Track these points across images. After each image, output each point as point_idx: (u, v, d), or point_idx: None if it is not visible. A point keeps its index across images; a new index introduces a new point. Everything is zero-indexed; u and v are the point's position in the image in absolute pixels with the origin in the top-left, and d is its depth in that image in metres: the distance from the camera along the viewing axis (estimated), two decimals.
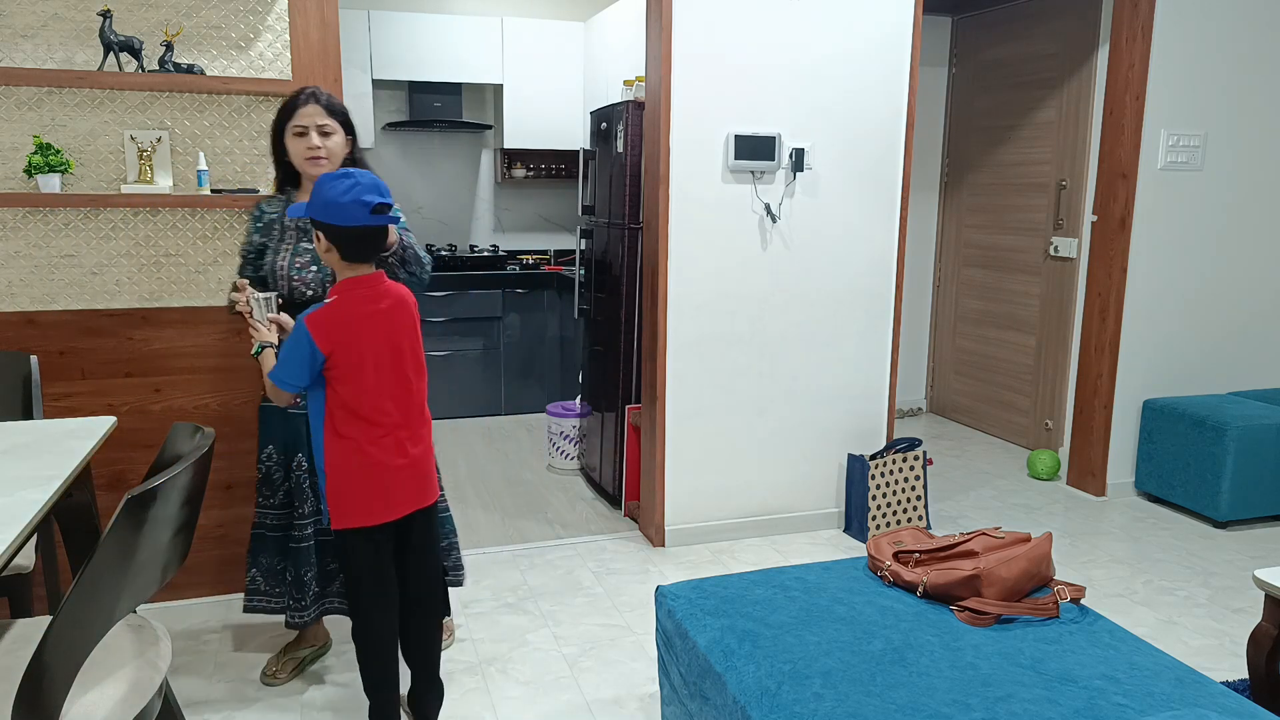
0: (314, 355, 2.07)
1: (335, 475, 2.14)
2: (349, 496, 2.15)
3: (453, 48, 5.41)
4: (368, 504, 2.16)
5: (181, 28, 2.84)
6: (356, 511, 2.16)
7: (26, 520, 1.58)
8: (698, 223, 3.47)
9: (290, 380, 2.10)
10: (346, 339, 2.08)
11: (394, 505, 2.19)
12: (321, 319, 2.08)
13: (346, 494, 2.14)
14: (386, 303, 2.16)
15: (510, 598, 3.18)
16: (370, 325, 2.12)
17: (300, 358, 2.07)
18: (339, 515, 2.16)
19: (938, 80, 5.55)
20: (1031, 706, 1.68)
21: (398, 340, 2.17)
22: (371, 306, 2.13)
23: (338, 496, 2.15)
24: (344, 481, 2.14)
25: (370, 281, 2.14)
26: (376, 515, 2.17)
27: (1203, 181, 4.17)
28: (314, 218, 2.08)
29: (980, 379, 5.39)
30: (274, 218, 2.49)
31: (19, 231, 2.82)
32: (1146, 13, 3.93)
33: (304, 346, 2.07)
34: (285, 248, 2.45)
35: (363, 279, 2.13)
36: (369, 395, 2.12)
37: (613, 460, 4.06)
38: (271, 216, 2.49)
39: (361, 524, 2.17)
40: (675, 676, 2.10)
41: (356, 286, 2.13)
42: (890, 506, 3.70)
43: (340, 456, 2.13)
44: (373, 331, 2.12)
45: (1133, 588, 3.34)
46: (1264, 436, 3.82)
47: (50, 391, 2.88)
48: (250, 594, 2.60)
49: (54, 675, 1.36)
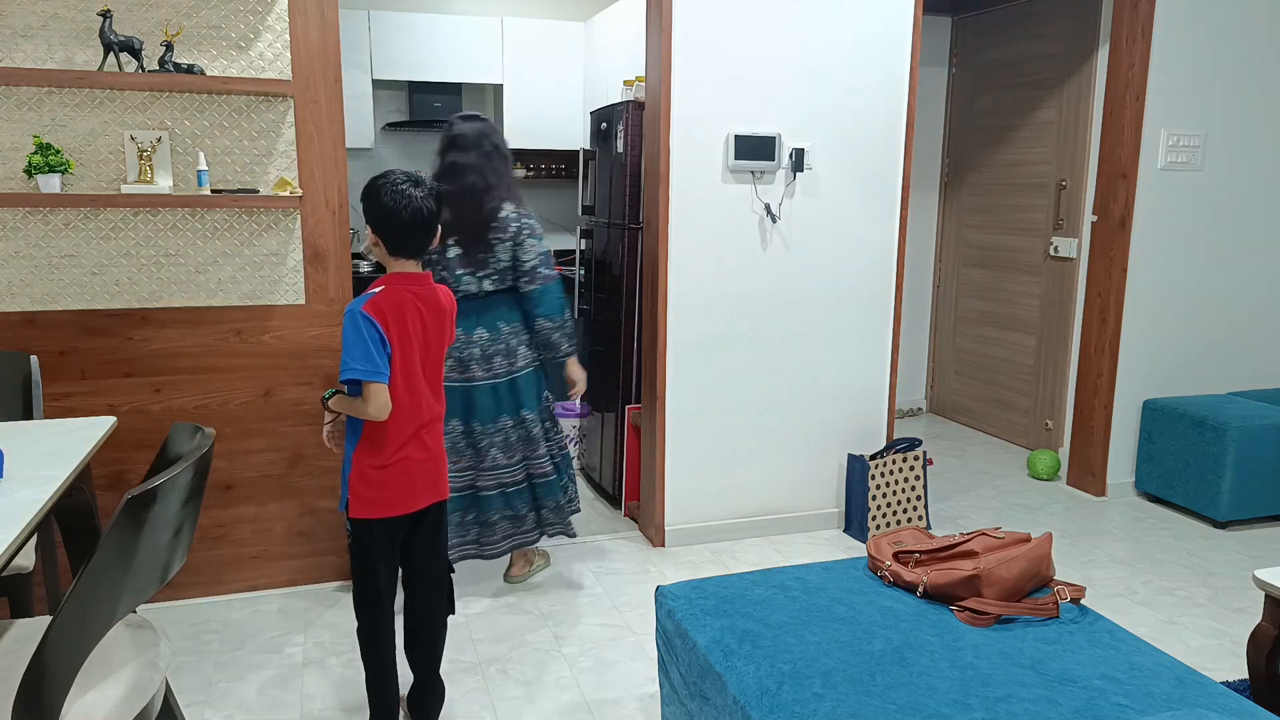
0: (382, 337, 2.08)
1: (362, 464, 2.16)
2: (375, 486, 2.16)
3: (453, 48, 5.41)
4: (391, 494, 2.18)
5: (181, 28, 2.84)
6: (379, 502, 2.18)
7: (26, 520, 1.58)
8: (698, 223, 3.47)
9: (375, 368, 2.05)
10: (394, 326, 2.11)
11: (416, 497, 2.21)
12: (374, 304, 2.09)
13: (373, 484, 2.16)
14: (430, 300, 2.19)
15: (510, 598, 3.18)
16: (414, 317, 2.15)
17: (373, 340, 2.06)
18: (361, 505, 2.18)
19: (938, 80, 5.55)
20: (1031, 706, 1.68)
21: (433, 337, 2.20)
22: (416, 300, 2.16)
23: (363, 486, 2.17)
24: (371, 471, 2.16)
25: (416, 278, 2.18)
26: (398, 506, 2.19)
27: (1203, 181, 4.17)
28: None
29: (980, 379, 5.39)
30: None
31: (19, 231, 2.82)
32: (1146, 13, 3.93)
33: (373, 331, 2.06)
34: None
35: (409, 275, 2.17)
36: (401, 388, 2.14)
37: (613, 460, 4.06)
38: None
39: (382, 514, 2.18)
40: (675, 676, 2.10)
41: (402, 280, 2.16)
42: (890, 506, 3.70)
43: (369, 446, 2.15)
44: (415, 323, 2.15)
45: (1133, 588, 3.34)
46: (1264, 436, 3.82)
47: (50, 391, 2.88)
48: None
49: (54, 675, 1.36)
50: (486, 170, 2.91)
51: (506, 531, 3.11)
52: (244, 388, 3.05)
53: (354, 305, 2.09)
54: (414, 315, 2.15)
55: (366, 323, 2.06)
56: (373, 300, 2.09)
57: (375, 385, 2.06)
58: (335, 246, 3.08)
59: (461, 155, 2.91)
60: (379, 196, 2.11)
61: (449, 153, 2.94)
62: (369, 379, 2.05)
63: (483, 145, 2.92)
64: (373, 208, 2.12)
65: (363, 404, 2.07)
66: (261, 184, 2.99)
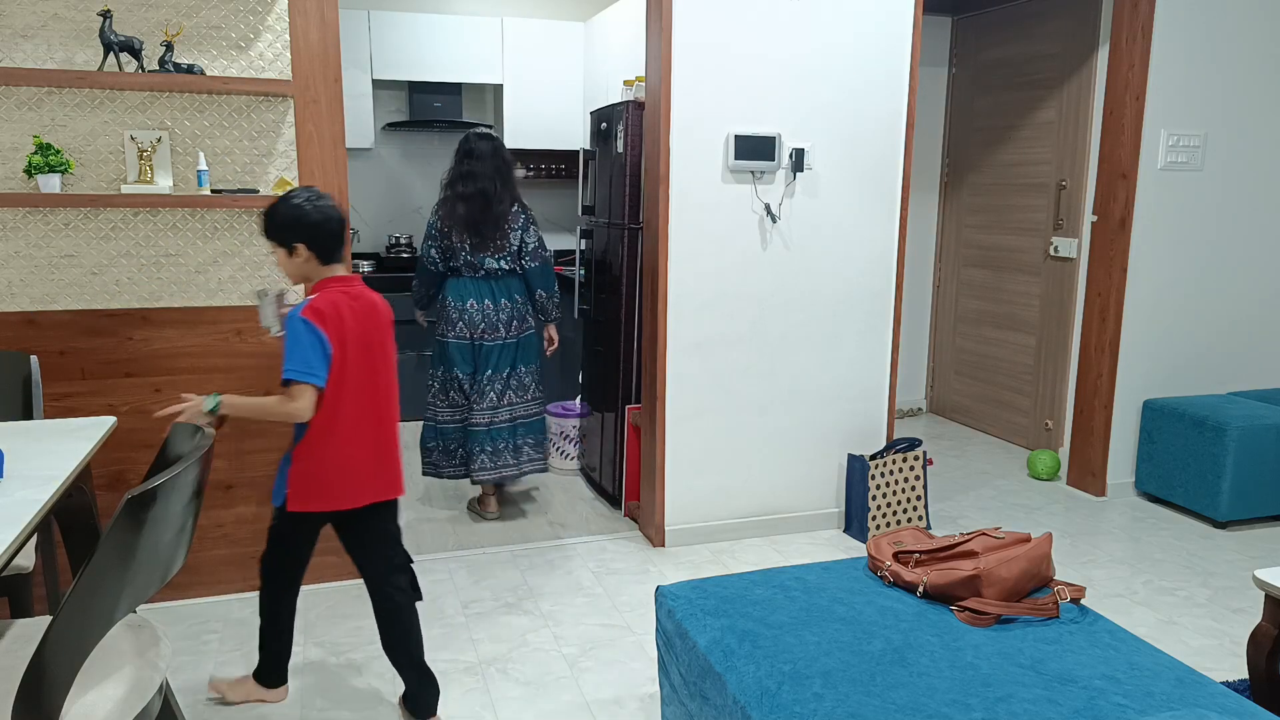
0: (324, 343, 2.17)
1: (305, 461, 2.24)
2: (316, 481, 2.25)
3: (453, 48, 5.41)
4: (331, 491, 2.26)
5: (181, 28, 2.84)
6: (319, 496, 2.26)
7: (26, 520, 1.58)
8: (698, 223, 3.47)
9: (314, 371, 2.15)
10: (331, 326, 2.19)
11: (354, 495, 2.28)
12: (312, 308, 2.18)
13: (315, 479, 2.25)
14: (364, 299, 2.28)
15: (510, 598, 3.18)
16: (352, 318, 2.23)
17: (310, 343, 2.15)
18: (300, 499, 2.26)
19: (938, 80, 5.55)
20: (1031, 707, 1.69)
21: (374, 335, 2.28)
22: (352, 301, 2.25)
23: (304, 481, 2.25)
24: (314, 467, 2.24)
25: (347, 280, 2.28)
26: (336, 502, 2.27)
27: (1203, 181, 4.18)
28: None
29: (980, 379, 5.39)
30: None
31: (19, 231, 2.82)
32: (1146, 13, 3.93)
33: (313, 335, 2.16)
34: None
35: (341, 277, 2.27)
36: (347, 386, 2.23)
37: (613, 460, 4.06)
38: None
39: (320, 509, 2.27)
40: (675, 676, 2.10)
41: (336, 283, 2.25)
42: (890, 506, 3.70)
43: (313, 442, 2.23)
44: (354, 324, 2.23)
45: (1133, 588, 3.35)
46: (1264, 436, 3.82)
47: (50, 391, 2.88)
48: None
49: (54, 675, 1.37)
50: (497, 178, 3.63)
51: (494, 463, 3.79)
52: (244, 388, 3.05)
53: (294, 311, 2.18)
54: (350, 313, 2.23)
55: (304, 326, 2.15)
56: (311, 305, 2.18)
57: (301, 386, 2.15)
58: None
59: (478, 165, 3.63)
60: (305, 211, 2.21)
61: (465, 162, 3.64)
62: (302, 379, 2.15)
63: (495, 159, 3.65)
64: (302, 224, 2.21)
65: (285, 402, 2.16)
66: (261, 184, 2.99)
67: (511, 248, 3.68)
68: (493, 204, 3.60)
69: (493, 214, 3.61)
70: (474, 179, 3.60)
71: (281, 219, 2.22)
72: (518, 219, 3.69)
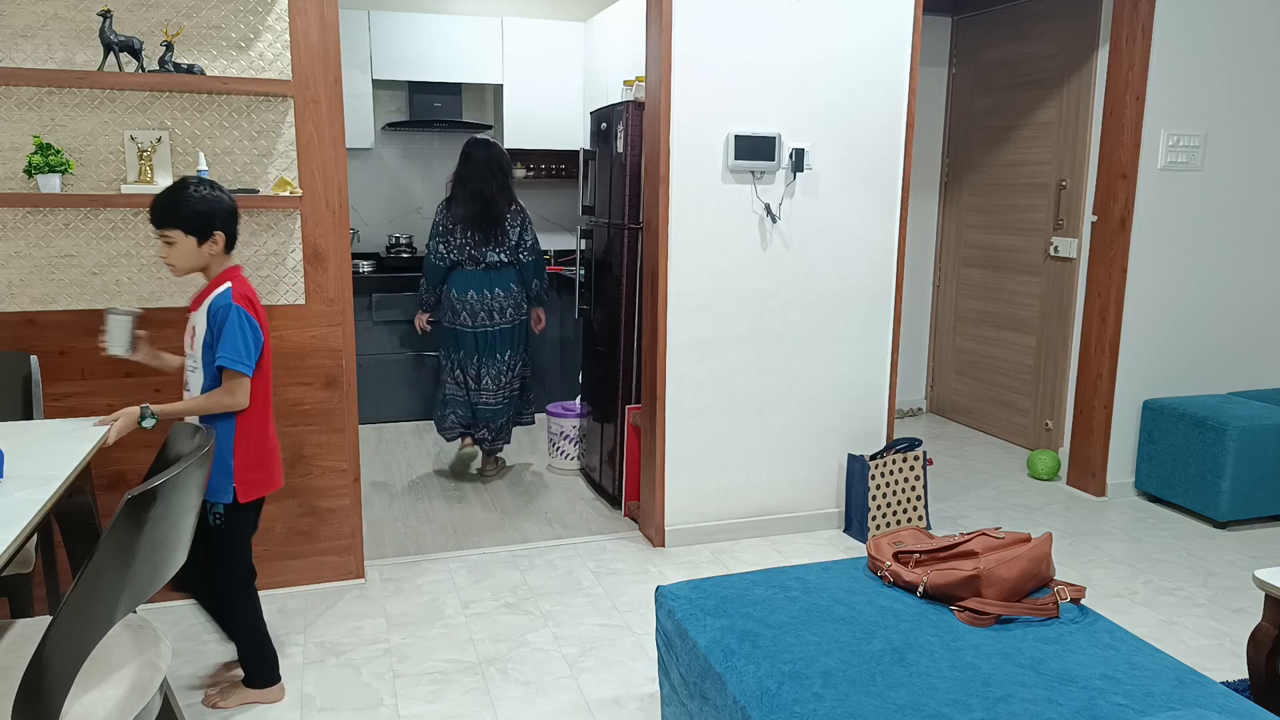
0: (257, 331, 2.26)
1: (246, 451, 2.31)
2: (258, 468, 2.34)
3: (453, 48, 5.41)
4: (274, 473, 2.39)
5: (181, 28, 2.84)
6: (266, 481, 2.37)
7: (26, 520, 1.58)
8: (698, 223, 3.47)
9: (247, 360, 2.24)
10: (261, 316, 2.29)
11: (281, 474, 2.44)
12: (245, 298, 2.25)
13: (258, 466, 2.33)
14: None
15: (510, 598, 3.18)
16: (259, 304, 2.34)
17: (248, 332, 2.23)
18: (249, 488, 2.33)
19: (938, 80, 5.55)
20: (1031, 707, 1.69)
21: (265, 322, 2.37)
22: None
23: (249, 470, 2.32)
24: (255, 455, 2.32)
25: (239, 268, 2.35)
26: (277, 482, 2.41)
27: (1203, 181, 4.18)
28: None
29: (980, 379, 5.39)
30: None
31: (19, 231, 2.82)
32: (1146, 13, 3.93)
33: (250, 324, 2.24)
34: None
35: (238, 266, 2.34)
36: (263, 372, 2.33)
37: (613, 460, 4.06)
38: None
39: (267, 492, 2.38)
40: (675, 676, 2.10)
41: (238, 272, 2.32)
42: (890, 506, 3.70)
43: (249, 432, 2.31)
44: (262, 310, 2.33)
45: (1133, 588, 3.35)
46: (1264, 436, 3.82)
47: (50, 391, 2.88)
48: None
49: (54, 675, 1.37)
50: (494, 181, 4.14)
51: (492, 436, 4.40)
52: None
53: (226, 299, 2.22)
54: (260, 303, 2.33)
55: (241, 315, 2.21)
56: (239, 293, 2.24)
57: (241, 377, 2.24)
58: (335, 246, 3.08)
59: (479, 169, 4.13)
60: (221, 199, 2.25)
61: (469, 165, 4.14)
62: (239, 369, 2.23)
63: (495, 163, 4.15)
64: (219, 212, 2.24)
65: (227, 394, 2.23)
66: (261, 184, 2.99)
67: (510, 243, 4.19)
68: (491, 205, 4.12)
69: (492, 213, 4.13)
70: (474, 182, 4.13)
71: (200, 207, 2.21)
72: (516, 217, 4.20)
